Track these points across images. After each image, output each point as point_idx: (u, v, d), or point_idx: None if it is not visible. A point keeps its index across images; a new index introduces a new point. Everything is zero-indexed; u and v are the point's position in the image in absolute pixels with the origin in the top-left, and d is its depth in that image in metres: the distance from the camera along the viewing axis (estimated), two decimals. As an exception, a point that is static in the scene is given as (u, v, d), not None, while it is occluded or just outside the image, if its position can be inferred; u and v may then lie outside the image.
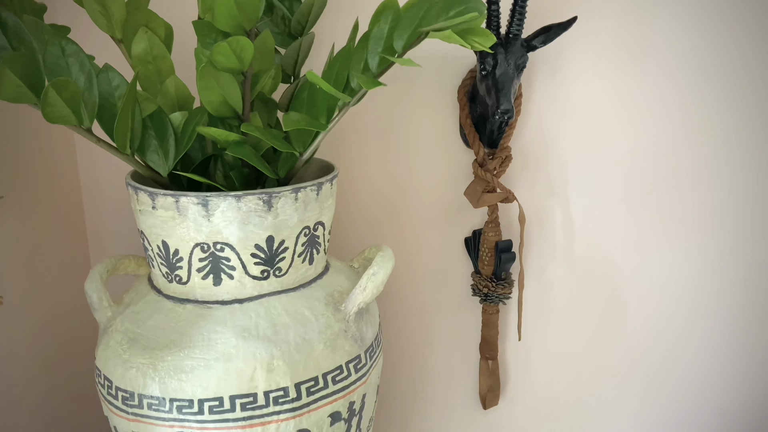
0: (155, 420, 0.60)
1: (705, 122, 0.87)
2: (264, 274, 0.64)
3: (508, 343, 0.95)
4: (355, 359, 0.66)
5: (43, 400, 0.84)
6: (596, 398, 0.96)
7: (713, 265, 0.91)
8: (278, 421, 0.60)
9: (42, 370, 0.84)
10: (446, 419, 0.98)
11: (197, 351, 0.60)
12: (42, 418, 0.84)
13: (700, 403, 0.94)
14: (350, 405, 0.66)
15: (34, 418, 0.83)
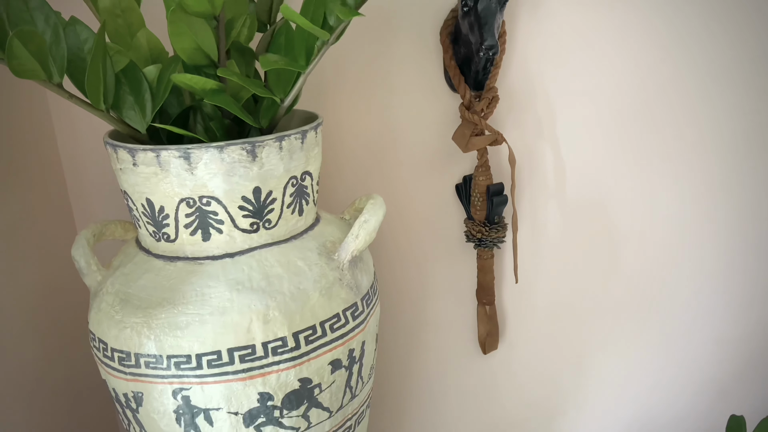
0: (153, 378, 0.59)
1: (697, 56, 0.85)
2: (253, 227, 0.63)
3: (505, 287, 0.95)
4: (352, 307, 0.65)
5: (38, 369, 0.84)
6: (594, 337, 0.96)
7: (707, 200, 0.91)
8: (278, 371, 0.60)
9: (35, 340, 0.83)
10: (446, 366, 0.99)
11: (191, 307, 0.59)
12: (39, 390, 0.84)
13: (696, 335, 0.95)
14: (350, 352, 0.66)
15: (31, 390, 0.82)
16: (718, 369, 0.96)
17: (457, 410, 1.01)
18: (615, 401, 0.99)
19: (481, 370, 0.99)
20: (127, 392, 0.61)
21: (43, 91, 0.84)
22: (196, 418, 0.60)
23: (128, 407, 0.63)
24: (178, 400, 0.60)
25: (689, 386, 0.97)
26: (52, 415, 0.86)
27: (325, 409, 0.65)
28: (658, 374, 0.97)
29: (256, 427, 0.61)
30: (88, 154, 0.87)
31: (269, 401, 0.61)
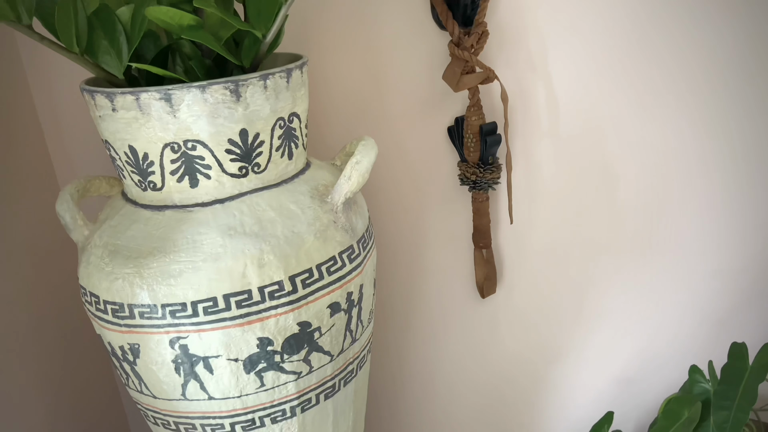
0: (149, 328, 0.58)
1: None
2: (242, 171, 0.61)
3: (501, 230, 0.94)
4: (348, 249, 0.64)
5: (31, 330, 0.83)
6: (592, 275, 0.96)
7: (703, 133, 0.89)
8: (276, 316, 0.59)
9: (26, 302, 0.82)
10: (445, 311, 0.98)
11: (183, 254, 0.58)
12: (34, 351, 0.83)
13: (694, 268, 0.95)
14: (348, 296, 0.65)
15: (25, 351, 0.81)
16: (717, 300, 0.96)
17: (457, 355, 1.01)
18: (614, 339, 0.99)
19: (480, 315, 0.99)
20: (123, 345, 0.60)
21: (14, 42, 0.81)
22: (196, 367, 0.59)
23: (125, 360, 0.62)
24: (176, 350, 0.59)
25: (689, 319, 0.97)
26: (48, 375, 0.85)
27: (326, 353, 0.64)
28: (657, 309, 0.97)
29: (257, 373, 0.61)
30: (66, 107, 0.85)
31: (269, 346, 0.60)
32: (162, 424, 0.65)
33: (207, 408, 0.62)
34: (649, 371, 1.01)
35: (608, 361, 1.01)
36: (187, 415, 0.63)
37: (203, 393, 0.61)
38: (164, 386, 0.61)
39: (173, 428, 0.65)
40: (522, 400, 1.04)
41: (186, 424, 0.64)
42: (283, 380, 0.62)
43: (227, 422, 0.63)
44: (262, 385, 0.61)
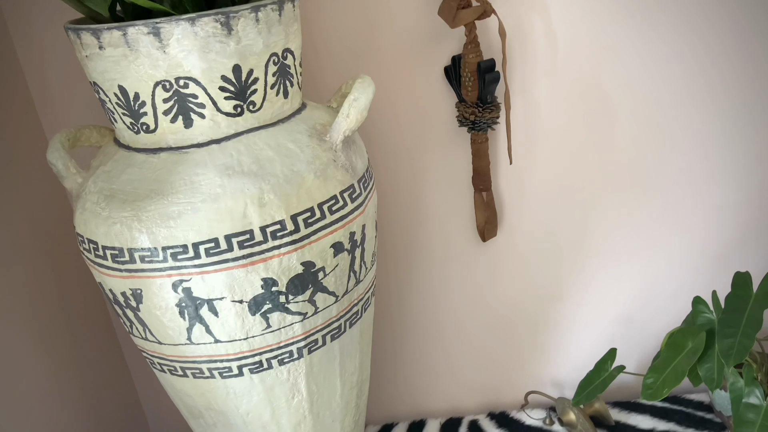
0: (151, 272, 0.57)
1: None
2: (237, 110, 0.59)
3: (500, 172, 0.93)
4: (349, 189, 0.63)
5: (31, 289, 0.82)
6: (592, 214, 0.95)
7: (702, 67, 0.87)
8: (280, 256, 0.58)
9: (22, 259, 0.81)
10: (446, 256, 0.98)
11: (181, 196, 0.56)
12: (35, 310, 0.82)
13: (695, 203, 0.94)
14: (351, 236, 0.64)
15: (26, 311, 0.80)
16: (718, 236, 0.96)
17: (458, 299, 1.01)
18: (615, 279, 1.00)
19: (480, 259, 0.98)
20: (125, 291, 0.59)
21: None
22: (200, 310, 0.59)
23: (128, 307, 0.61)
24: (179, 293, 0.58)
25: (690, 256, 0.97)
26: (48, 330, 0.84)
27: (331, 294, 0.64)
28: (658, 247, 0.97)
29: (263, 314, 0.60)
30: (49, 55, 0.82)
31: (273, 287, 0.59)
32: (168, 370, 0.65)
33: (213, 351, 0.61)
34: (651, 309, 1.01)
35: (610, 300, 1.01)
36: (194, 359, 0.62)
37: (209, 336, 0.60)
38: (169, 331, 0.60)
39: (180, 374, 0.65)
40: (524, 342, 1.05)
41: (193, 368, 0.63)
42: (288, 321, 0.62)
43: (234, 365, 0.63)
44: (268, 327, 0.61)
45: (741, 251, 0.97)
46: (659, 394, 0.79)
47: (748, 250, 0.97)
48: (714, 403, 0.94)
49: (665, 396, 0.78)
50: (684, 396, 1.02)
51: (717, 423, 0.95)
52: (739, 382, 0.79)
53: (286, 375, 0.65)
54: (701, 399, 1.01)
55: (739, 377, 0.78)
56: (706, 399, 1.00)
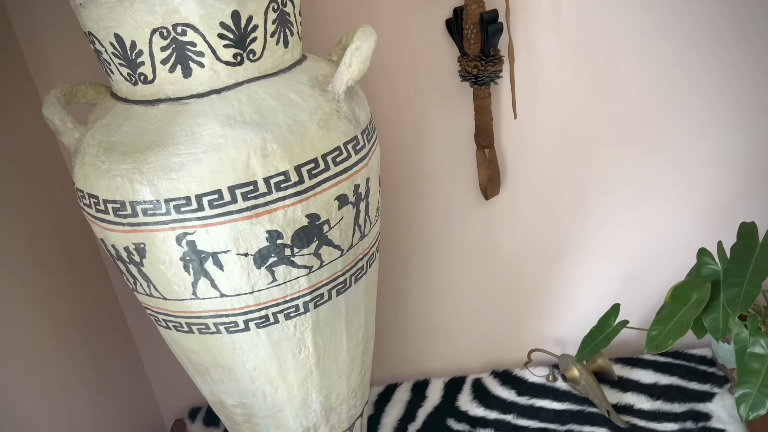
0: (154, 226, 0.56)
1: None
2: (237, 59, 0.57)
3: (503, 128, 0.91)
4: (353, 140, 0.62)
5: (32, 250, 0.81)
6: (596, 170, 0.94)
7: (706, 17, 0.86)
8: (284, 207, 0.57)
9: (20, 219, 0.80)
10: (449, 215, 0.97)
11: (182, 147, 0.55)
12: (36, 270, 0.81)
13: (698, 157, 0.93)
14: (355, 188, 0.63)
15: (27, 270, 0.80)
16: (721, 190, 0.95)
17: (460, 258, 1.00)
18: (617, 236, 0.99)
19: (483, 217, 0.98)
20: (128, 245, 0.58)
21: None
22: (205, 264, 0.58)
23: (131, 262, 0.60)
24: (184, 246, 0.57)
25: (693, 210, 0.97)
26: (49, 290, 0.84)
27: (336, 247, 0.63)
28: (661, 202, 0.96)
29: (268, 267, 0.59)
30: (41, 8, 0.80)
31: (279, 239, 0.58)
32: (174, 326, 0.65)
33: (219, 306, 0.61)
34: (654, 265, 1.01)
35: (612, 257, 1.01)
36: (200, 314, 0.62)
37: (214, 291, 0.60)
38: (174, 286, 0.60)
39: (185, 330, 0.64)
40: (526, 300, 1.05)
41: (199, 324, 0.63)
42: (294, 275, 0.61)
43: (240, 319, 0.62)
44: (274, 280, 0.60)
45: (745, 205, 0.96)
46: (664, 345, 0.79)
47: (752, 204, 0.96)
48: (717, 356, 0.95)
49: (670, 347, 0.78)
50: (686, 351, 1.03)
51: (719, 376, 0.96)
52: (744, 333, 0.79)
53: (293, 330, 0.65)
54: (703, 354, 1.02)
55: (743, 328, 0.79)
56: (709, 353, 1.01)
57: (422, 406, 1.01)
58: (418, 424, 0.98)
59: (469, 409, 0.99)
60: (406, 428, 0.97)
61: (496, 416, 0.97)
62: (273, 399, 0.70)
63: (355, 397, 0.78)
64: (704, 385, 0.95)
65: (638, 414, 0.92)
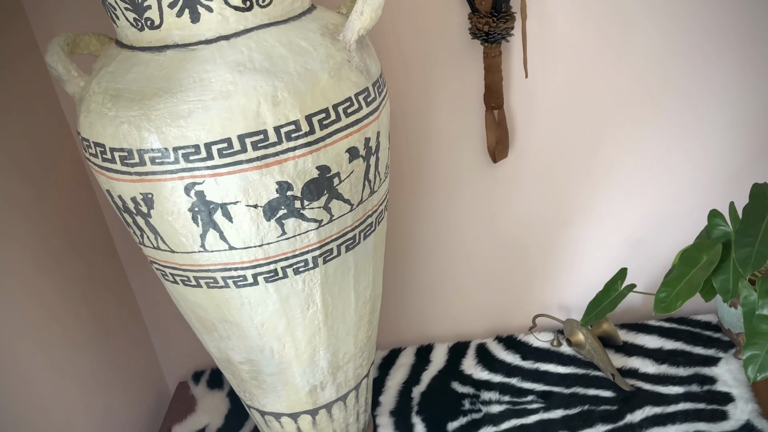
0: (162, 175, 0.55)
1: None
2: (246, 4, 0.56)
3: (513, 88, 0.90)
4: (364, 92, 0.60)
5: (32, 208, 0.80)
6: (605, 133, 0.93)
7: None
8: (295, 158, 0.56)
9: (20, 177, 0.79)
10: (456, 178, 0.96)
11: (191, 94, 0.54)
12: (33, 221, 0.80)
13: (709, 120, 0.92)
14: (366, 142, 0.62)
15: (27, 222, 0.79)
16: (731, 155, 0.94)
17: (467, 222, 1.00)
18: (625, 201, 0.98)
19: (491, 180, 0.97)
20: (135, 196, 0.57)
21: None
22: (214, 215, 0.57)
23: (139, 213, 0.59)
24: (192, 197, 0.56)
25: (703, 174, 0.96)
26: (52, 248, 0.83)
27: (346, 201, 0.62)
28: (671, 166, 0.95)
29: (278, 219, 0.59)
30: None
31: (288, 191, 0.57)
32: (181, 281, 0.64)
33: (228, 259, 0.60)
34: (662, 230, 1.00)
35: (620, 222, 1.00)
36: (208, 268, 0.61)
37: (223, 243, 0.59)
38: (182, 238, 0.59)
39: (193, 284, 0.64)
40: (532, 265, 1.04)
41: (207, 278, 0.62)
42: (304, 228, 0.60)
43: (249, 273, 0.61)
44: (284, 233, 0.60)
45: (755, 170, 0.95)
46: (672, 306, 0.79)
47: (763, 169, 0.95)
48: (723, 321, 0.95)
49: (678, 309, 0.78)
50: (691, 317, 1.03)
51: (725, 342, 0.96)
52: (753, 295, 0.78)
53: (302, 285, 0.64)
54: (709, 320, 1.02)
55: (752, 290, 0.78)
56: (714, 319, 1.01)
57: (426, 369, 1.01)
58: (423, 387, 0.98)
59: (474, 372, 0.99)
60: (410, 391, 0.97)
61: (500, 379, 0.97)
62: (280, 356, 0.70)
63: (361, 356, 0.78)
64: (709, 350, 0.95)
65: (643, 377, 0.92)
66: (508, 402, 0.92)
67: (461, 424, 0.89)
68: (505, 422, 0.88)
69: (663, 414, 0.85)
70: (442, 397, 0.95)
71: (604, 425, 0.85)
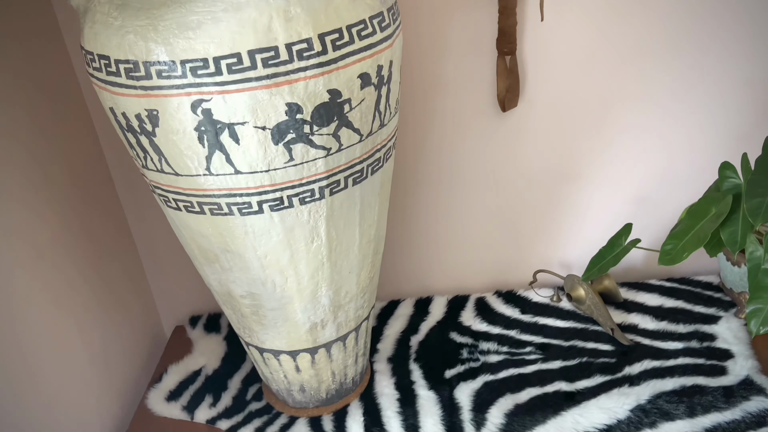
0: (169, 90, 0.53)
1: None
2: None
3: (526, 34, 0.88)
4: (378, 15, 0.59)
5: (32, 131, 0.78)
6: (617, 86, 0.91)
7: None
8: (306, 79, 0.54)
9: (21, 104, 0.76)
10: (464, 126, 0.94)
11: (200, 4, 0.52)
12: (34, 149, 0.79)
13: (724, 77, 0.90)
14: (379, 69, 0.60)
15: (29, 150, 0.77)
16: (745, 111, 0.93)
17: (471, 173, 0.98)
18: (634, 157, 0.97)
19: (498, 131, 0.95)
20: (140, 112, 0.56)
21: None
22: (221, 136, 0.56)
23: (143, 133, 0.57)
24: (199, 115, 0.54)
25: (715, 133, 0.94)
26: (50, 176, 0.81)
27: (356, 131, 0.61)
28: (682, 123, 0.94)
29: (286, 144, 0.57)
30: None
31: (298, 114, 0.56)
32: (185, 207, 0.63)
33: (233, 184, 0.59)
34: (668, 189, 0.99)
35: (627, 179, 0.99)
36: (213, 193, 0.60)
37: (229, 166, 0.58)
38: (186, 160, 0.58)
39: (197, 210, 0.62)
40: (535, 220, 1.03)
41: (211, 204, 0.61)
42: (312, 155, 0.59)
43: (254, 200, 0.60)
44: (291, 159, 0.58)
45: (766, 130, 0.94)
46: (678, 258, 0.78)
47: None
48: (725, 280, 0.94)
49: (684, 260, 0.78)
50: (693, 277, 1.03)
51: (725, 301, 0.96)
52: (759, 251, 0.78)
53: (307, 216, 0.63)
54: (710, 280, 1.01)
55: (758, 245, 0.78)
56: (715, 280, 1.01)
57: (425, 320, 1.01)
58: (421, 336, 0.98)
59: (472, 324, 0.99)
60: (408, 340, 0.97)
61: (499, 331, 0.97)
62: (282, 289, 0.69)
63: (363, 297, 0.77)
64: (710, 309, 0.95)
65: (642, 333, 0.92)
66: (507, 352, 0.92)
67: (459, 371, 0.89)
68: (503, 371, 0.88)
69: (662, 368, 0.85)
70: (441, 347, 0.95)
71: (603, 376, 0.85)
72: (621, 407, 0.80)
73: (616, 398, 0.81)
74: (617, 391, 0.82)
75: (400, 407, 0.84)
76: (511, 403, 0.83)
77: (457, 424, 0.82)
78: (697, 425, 0.79)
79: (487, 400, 0.84)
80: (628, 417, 0.80)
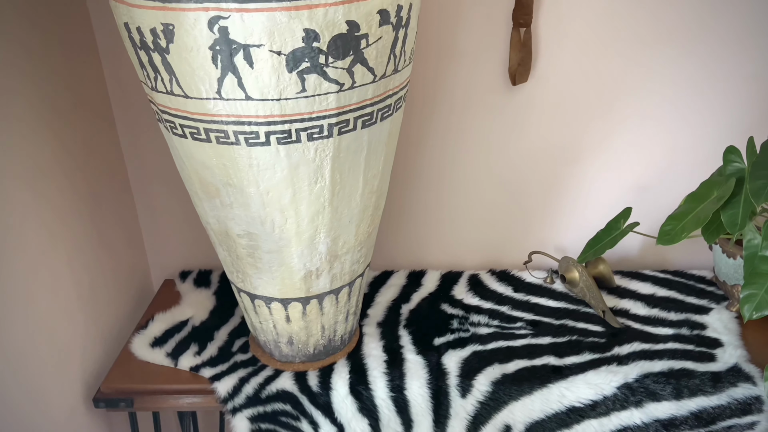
0: (186, 3, 0.53)
1: None
2: None
3: (543, 7, 0.88)
4: (403, -45, 0.58)
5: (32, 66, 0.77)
6: (627, 70, 0.91)
7: None
8: (326, 5, 0.54)
9: (30, 53, 0.75)
10: (472, 97, 0.94)
11: None
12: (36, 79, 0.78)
13: (731, 70, 0.91)
14: (398, 9, 0.60)
15: (33, 73, 0.76)
16: (750, 105, 0.93)
17: (473, 146, 0.98)
18: (637, 145, 0.97)
19: (506, 105, 0.95)
20: (155, 27, 0.55)
21: None
22: (235, 57, 0.55)
23: (156, 49, 0.57)
24: (215, 33, 0.54)
25: (720, 126, 0.95)
26: (54, 107, 0.80)
27: (370, 69, 0.60)
28: (687, 114, 0.94)
29: (300, 73, 0.57)
30: None
31: (315, 42, 0.55)
32: (191, 133, 0.62)
33: (243, 110, 0.58)
34: (669, 179, 0.99)
35: (628, 166, 0.99)
36: (221, 119, 0.59)
37: (240, 91, 0.57)
38: (198, 81, 0.57)
39: (203, 138, 0.61)
40: (534, 201, 1.03)
41: (218, 131, 0.60)
42: (324, 89, 0.58)
43: (263, 130, 0.60)
44: (303, 90, 0.58)
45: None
46: (677, 238, 0.78)
47: (781, 123, 0.94)
48: (718, 273, 0.94)
49: (683, 240, 0.78)
50: (687, 271, 1.03)
51: (718, 294, 0.96)
52: (756, 239, 0.78)
53: (313, 154, 0.63)
54: (703, 274, 1.01)
55: (756, 233, 0.78)
56: (709, 275, 1.01)
57: (417, 291, 1.01)
58: (412, 305, 0.97)
59: (464, 298, 0.99)
60: (399, 307, 0.97)
61: (490, 306, 0.96)
62: (281, 231, 0.68)
63: (359, 251, 0.77)
64: (702, 300, 0.95)
65: (633, 318, 0.92)
66: (497, 326, 0.92)
67: (448, 340, 0.89)
68: (492, 343, 0.88)
69: (651, 350, 0.85)
70: (431, 316, 0.94)
71: (592, 354, 0.85)
72: (608, 384, 0.80)
73: (604, 375, 0.81)
74: (605, 369, 0.82)
75: (387, 368, 0.83)
76: (498, 372, 0.82)
77: (443, 388, 0.81)
78: (683, 407, 0.79)
79: (475, 368, 0.83)
80: (615, 394, 0.79)
